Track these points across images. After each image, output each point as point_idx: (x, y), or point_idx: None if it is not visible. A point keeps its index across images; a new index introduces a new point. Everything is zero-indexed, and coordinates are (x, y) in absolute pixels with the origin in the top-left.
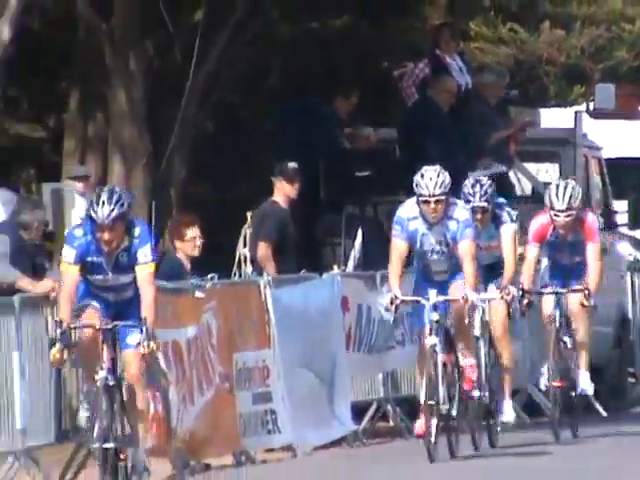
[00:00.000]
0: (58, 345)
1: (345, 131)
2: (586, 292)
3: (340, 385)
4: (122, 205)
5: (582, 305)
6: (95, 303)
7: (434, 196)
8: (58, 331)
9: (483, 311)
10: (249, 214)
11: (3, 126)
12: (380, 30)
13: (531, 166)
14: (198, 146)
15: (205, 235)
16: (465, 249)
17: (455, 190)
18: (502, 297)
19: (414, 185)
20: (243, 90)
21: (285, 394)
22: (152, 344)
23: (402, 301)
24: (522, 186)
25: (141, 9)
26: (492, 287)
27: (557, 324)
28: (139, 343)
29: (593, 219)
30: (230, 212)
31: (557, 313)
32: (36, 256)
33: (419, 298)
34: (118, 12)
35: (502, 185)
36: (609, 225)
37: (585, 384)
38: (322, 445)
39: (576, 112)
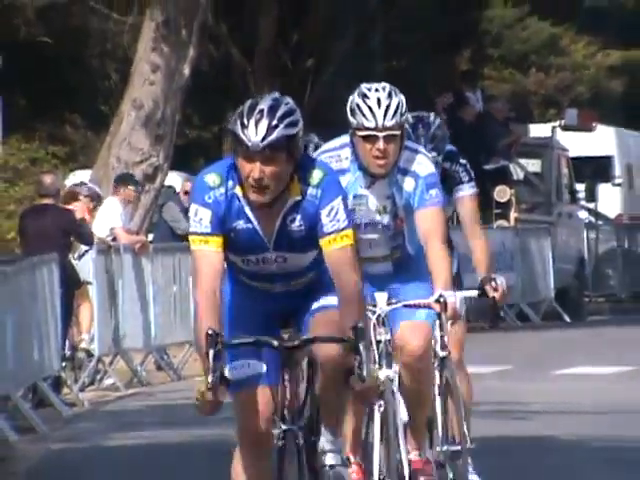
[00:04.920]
0: (211, 378)
1: None
2: None
3: None
4: (292, 125)
5: None
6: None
7: (384, 129)
8: (211, 352)
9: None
10: None
11: (184, 131)
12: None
13: (523, 161)
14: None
15: None
16: (430, 222)
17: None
18: (488, 294)
19: (348, 114)
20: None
21: None
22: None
23: None
24: (517, 174)
25: (271, 60)
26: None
27: None
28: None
29: None
30: None
31: None
32: None
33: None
34: (258, 61)
35: (505, 173)
36: (573, 200)
37: None
38: None
39: (552, 127)
